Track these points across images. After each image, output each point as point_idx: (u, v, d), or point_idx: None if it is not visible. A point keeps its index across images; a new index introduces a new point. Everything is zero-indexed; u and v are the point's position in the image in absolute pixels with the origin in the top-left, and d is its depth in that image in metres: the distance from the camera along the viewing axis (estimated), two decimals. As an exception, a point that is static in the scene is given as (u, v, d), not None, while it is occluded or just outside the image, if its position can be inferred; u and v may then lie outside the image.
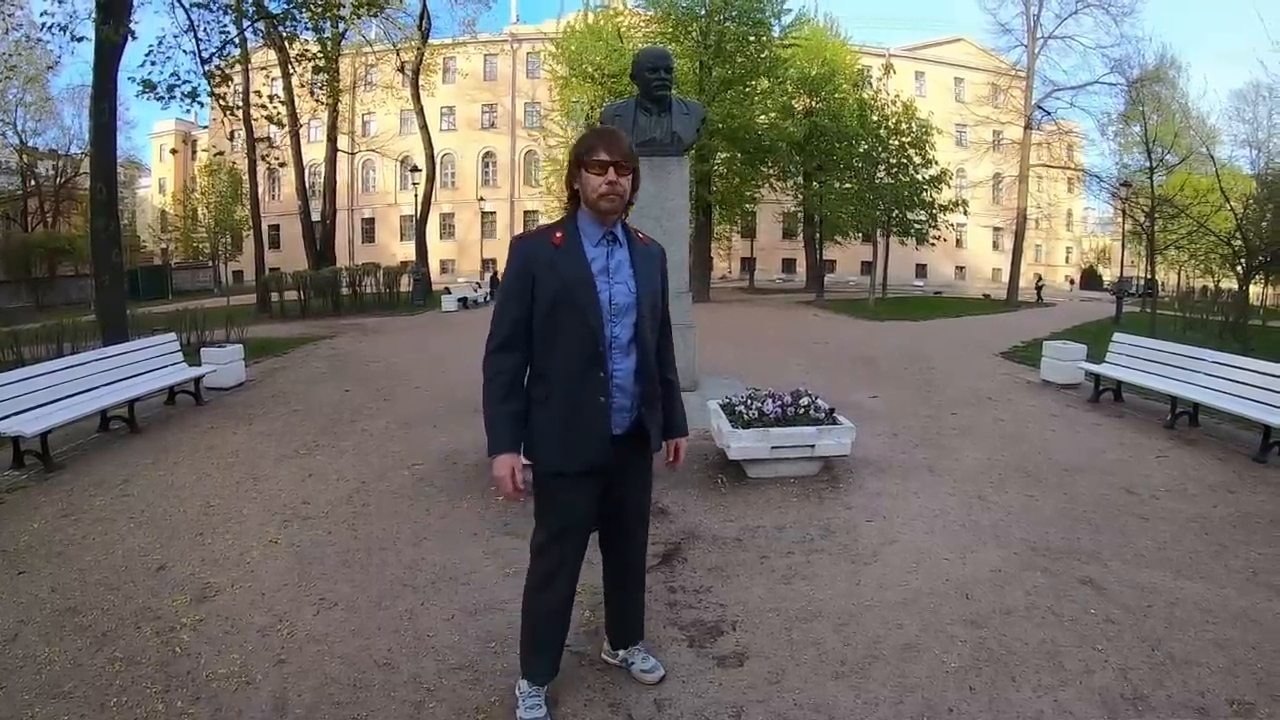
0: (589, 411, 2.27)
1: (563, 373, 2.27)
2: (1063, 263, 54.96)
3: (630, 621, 2.74)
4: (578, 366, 2.26)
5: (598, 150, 2.21)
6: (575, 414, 2.27)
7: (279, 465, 5.54)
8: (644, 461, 2.52)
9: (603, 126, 2.35)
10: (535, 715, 2.42)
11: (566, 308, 2.23)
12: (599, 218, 2.28)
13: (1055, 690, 2.63)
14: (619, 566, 2.65)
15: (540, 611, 2.46)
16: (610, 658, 2.78)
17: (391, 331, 15.51)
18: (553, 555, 2.41)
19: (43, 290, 32.13)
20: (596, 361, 2.26)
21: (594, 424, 2.28)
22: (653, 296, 2.39)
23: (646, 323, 2.35)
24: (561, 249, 2.26)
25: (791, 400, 5.04)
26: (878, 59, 39.23)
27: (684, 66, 21.07)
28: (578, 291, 2.23)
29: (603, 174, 2.20)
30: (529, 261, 2.27)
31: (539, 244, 2.29)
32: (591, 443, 2.28)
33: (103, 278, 9.93)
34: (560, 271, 2.23)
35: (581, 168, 2.24)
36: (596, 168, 2.21)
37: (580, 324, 2.23)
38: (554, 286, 2.23)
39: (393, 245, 45.69)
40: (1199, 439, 6.36)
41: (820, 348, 12.72)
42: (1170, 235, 24.85)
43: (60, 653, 2.91)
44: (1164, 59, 27.59)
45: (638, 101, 6.97)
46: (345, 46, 24.32)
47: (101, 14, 9.20)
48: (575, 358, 2.26)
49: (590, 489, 2.37)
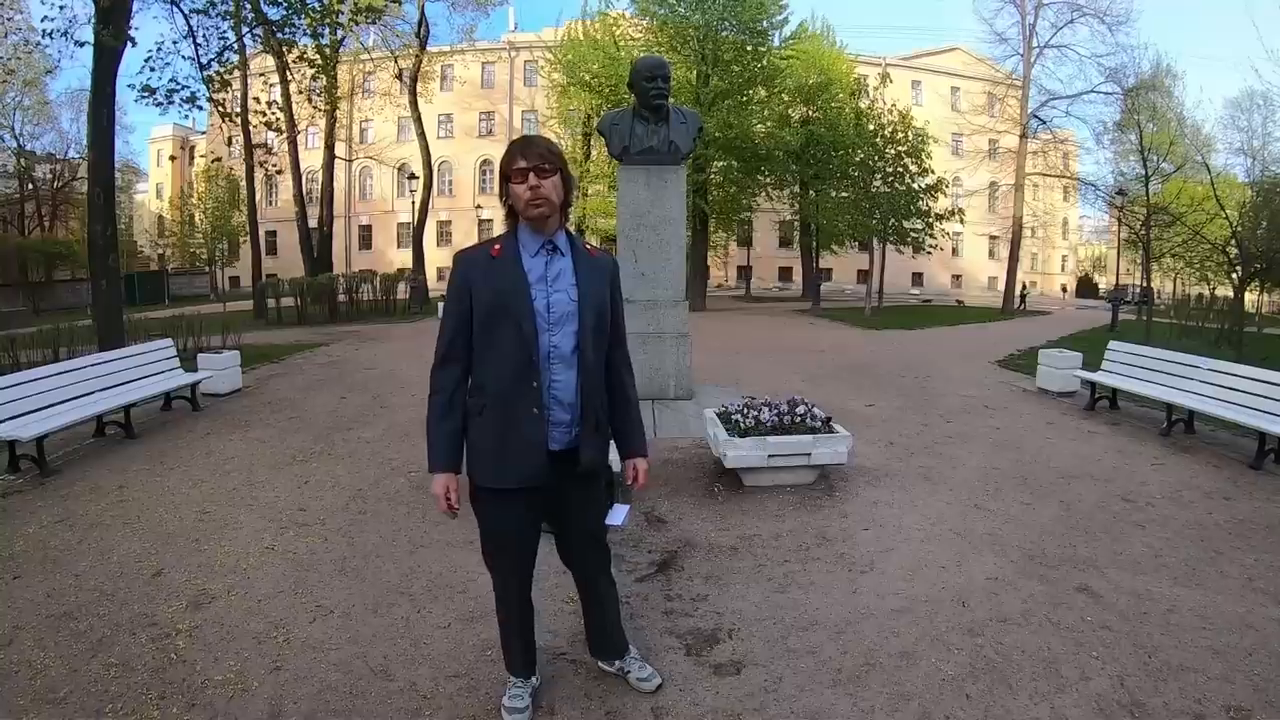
0: (524, 424, 2.23)
1: (498, 383, 2.25)
2: (1059, 270, 55.12)
3: (603, 636, 2.73)
4: (513, 377, 2.23)
5: (515, 159, 2.21)
6: (510, 427, 2.24)
7: (275, 472, 5.52)
8: (590, 482, 2.46)
9: (521, 135, 2.35)
10: (517, 704, 2.51)
11: (500, 316, 2.21)
12: (535, 226, 2.27)
13: (1052, 698, 2.63)
14: (580, 582, 2.67)
15: (505, 619, 2.53)
16: (607, 666, 2.77)
17: (388, 339, 15.50)
18: (501, 568, 2.45)
19: (39, 295, 32.09)
20: (531, 371, 2.22)
21: (528, 437, 2.24)
22: (598, 306, 2.34)
23: (589, 333, 2.30)
24: (498, 259, 2.26)
25: (788, 409, 5.05)
26: (874, 68, 39.40)
27: (681, 75, 21.16)
28: (511, 299, 2.21)
29: (524, 181, 2.20)
30: (467, 274, 2.27)
31: (477, 256, 2.29)
32: (526, 457, 2.24)
33: (99, 283, 9.91)
34: (494, 280, 2.22)
35: (507, 181, 2.24)
36: (518, 177, 2.20)
37: (515, 333, 2.21)
38: (488, 296, 2.22)
39: (390, 252, 45.66)
40: (1195, 446, 6.37)
41: (816, 356, 12.73)
42: (1166, 243, 25.02)
43: (55, 658, 2.90)
44: (1159, 67, 27.70)
45: (635, 110, 6.99)
46: (343, 53, 24.34)
47: (101, 19, 9.22)
48: (510, 368, 2.22)
49: (526, 507, 2.34)
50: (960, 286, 47.50)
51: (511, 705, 2.51)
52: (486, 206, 45.49)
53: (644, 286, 7.12)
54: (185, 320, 12.82)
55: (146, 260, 46.71)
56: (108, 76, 9.57)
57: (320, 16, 11.23)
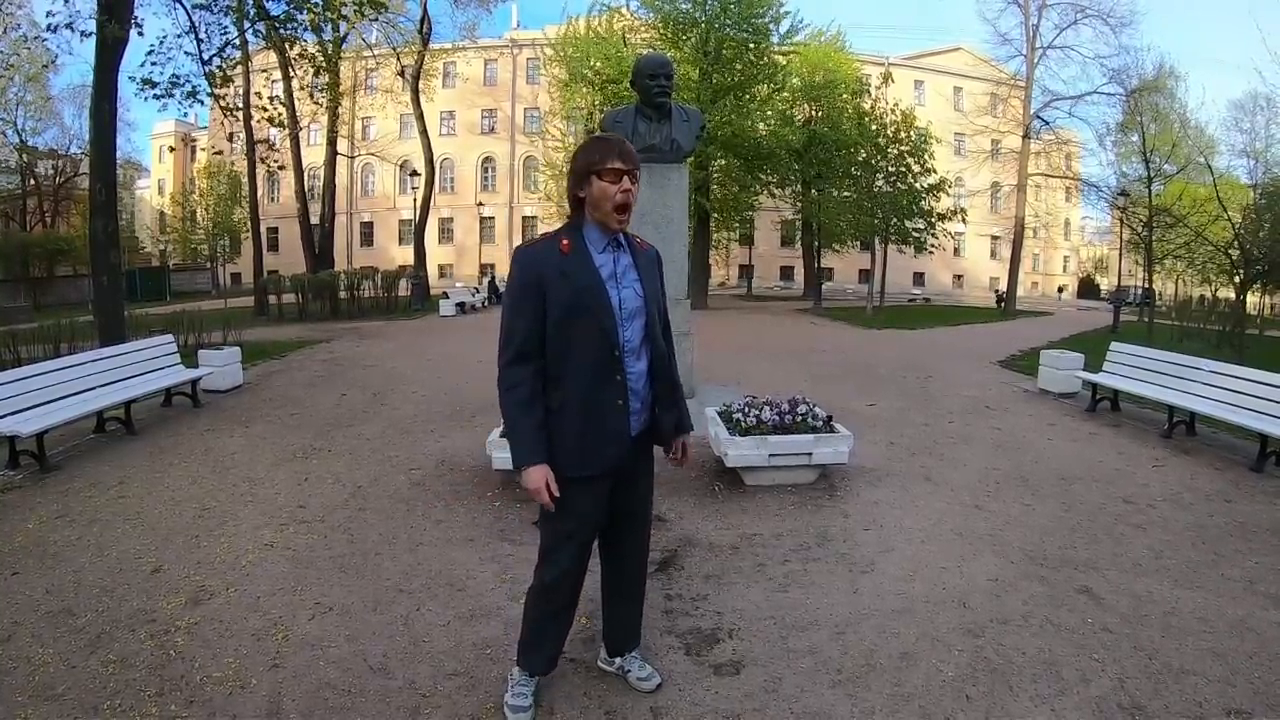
0: (609, 416, 2.30)
1: (579, 379, 2.27)
2: (1060, 271, 55.12)
3: (629, 630, 2.75)
4: (594, 372, 2.28)
5: (611, 159, 2.22)
6: (594, 419, 2.29)
7: (275, 469, 5.52)
8: (650, 464, 2.57)
9: (609, 134, 2.35)
10: (520, 704, 2.50)
11: (580, 314, 2.24)
12: (607, 224, 2.29)
13: (1052, 700, 2.62)
14: (619, 572, 2.66)
15: (547, 612, 2.51)
16: (607, 665, 2.77)
17: (389, 336, 15.50)
18: (562, 558, 2.44)
19: (41, 290, 32.13)
20: (613, 366, 2.29)
21: (614, 428, 2.32)
22: (657, 299, 2.44)
23: (656, 325, 2.40)
24: (570, 256, 2.26)
25: (789, 408, 5.04)
26: (877, 68, 39.36)
27: (683, 72, 21.12)
28: (591, 297, 2.25)
29: (618, 182, 2.22)
30: (537, 271, 2.25)
31: (546, 253, 2.28)
32: (612, 446, 2.32)
33: (101, 278, 9.91)
34: (572, 279, 2.24)
35: (593, 176, 2.24)
36: (611, 176, 2.22)
37: (595, 329, 2.25)
38: (566, 294, 2.23)
39: (391, 249, 45.66)
40: (1196, 448, 6.37)
41: (818, 355, 12.73)
42: (1168, 245, 24.95)
43: (54, 655, 2.89)
44: (1162, 69, 27.64)
45: (637, 108, 6.97)
46: (346, 50, 24.34)
47: (104, 12, 9.21)
48: (591, 363, 2.27)
49: (602, 492, 2.40)
50: (962, 287, 47.49)
51: (515, 704, 2.49)
52: (488, 204, 45.55)
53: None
54: (186, 316, 12.83)
55: (148, 256, 46.76)
56: (110, 71, 9.56)
57: (322, 8, 11.22)
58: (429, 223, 29.48)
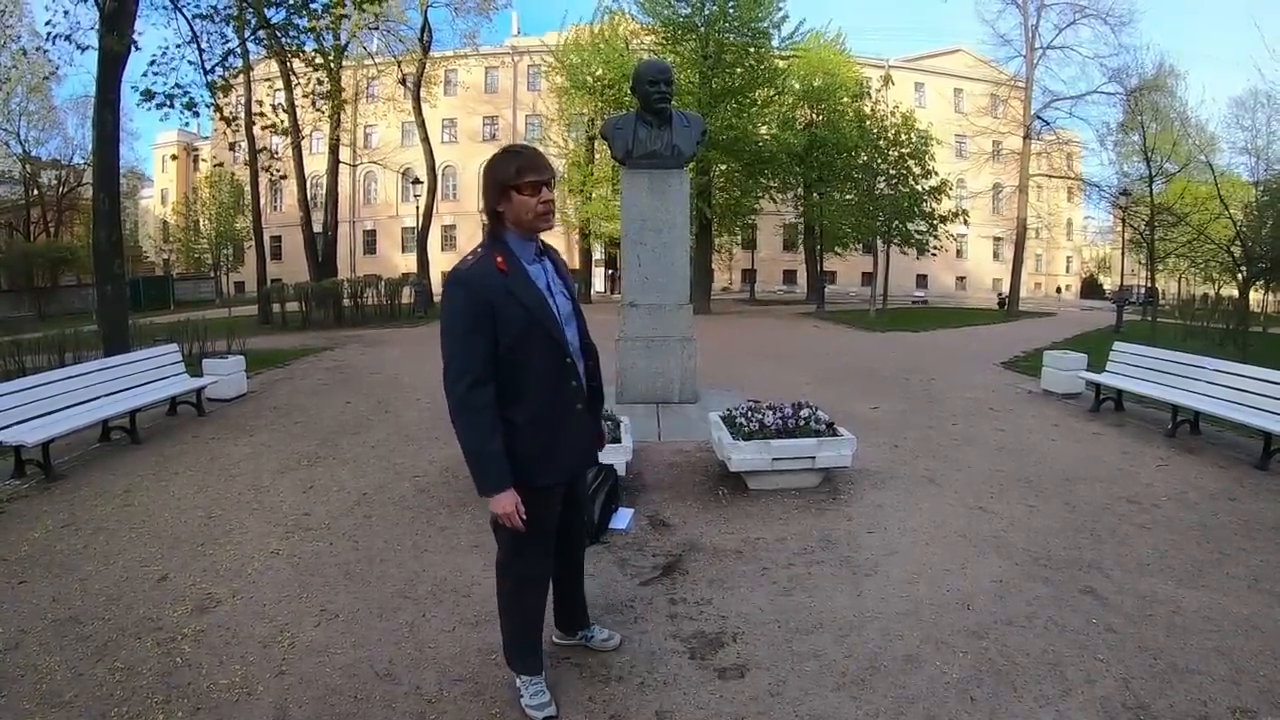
0: (571, 421, 2.43)
1: (540, 390, 2.35)
2: (1063, 272, 55.01)
3: (578, 610, 2.94)
4: (553, 381, 2.38)
5: (528, 172, 2.25)
6: (559, 427, 2.39)
7: (280, 477, 5.54)
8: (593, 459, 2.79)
9: (521, 146, 2.39)
10: (541, 700, 2.54)
11: (533, 328, 2.30)
12: (528, 235, 2.35)
13: (1057, 701, 2.62)
14: (572, 557, 2.81)
15: (531, 609, 2.58)
16: (566, 640, 2.97)
17: (393, 343, 15.52)
18: (533, 563, 2.52)
19: (45, 300, 32.24)
20: (568, 372, 2.41)
21: (578, 432, 2.48)
22: (577, 300, 2.57)
23: (585, 325, 2.57)
24: (511, 275, 2.29)
25: (792, 412, 5.05)
26: (877, 70, 39.39)
27: (683, 77, 21.17)
28: (541, 312, 2.32)
29: (537, 194, 2.26)
30: (487, 298, 2.24)
31: (488, 275, 2.26)
32: (577, 451, 2.50)
33: (105, 288, 9.94)
34: (519, 297, 2.27)
35: (512, 191, 2.26)
36: (529, 189, 2.26)
37: (547, 341, 2.34)
38: (519, 313, 2.27)
39: (394, 257, 45.71)
40: (1200, 447, 6.35)
41: (821, 359, 12.72)
42: (1170, 243, 24.91)
43: (61, 662, 2.91)
44: (1162, 67, 27.59)
45: (638, 114, 6.99)
46: (347, 59, 24.41)
47: (105, 24, 9.26)
48: (550, 374, 2.37)
49: (561, 491, 2.53)
50: (965, 288, 47.44)
51: (537, 702, 2.53)
52: (492, 210, 45.52)
53: (648, 290, 7.09)
54: (190, 325, 12.84)
55: (151, 265, 46.95)
56: (112, 82, 9.60)
57: (322, 10, 11.25)
58: (432, 230, 29.57)
